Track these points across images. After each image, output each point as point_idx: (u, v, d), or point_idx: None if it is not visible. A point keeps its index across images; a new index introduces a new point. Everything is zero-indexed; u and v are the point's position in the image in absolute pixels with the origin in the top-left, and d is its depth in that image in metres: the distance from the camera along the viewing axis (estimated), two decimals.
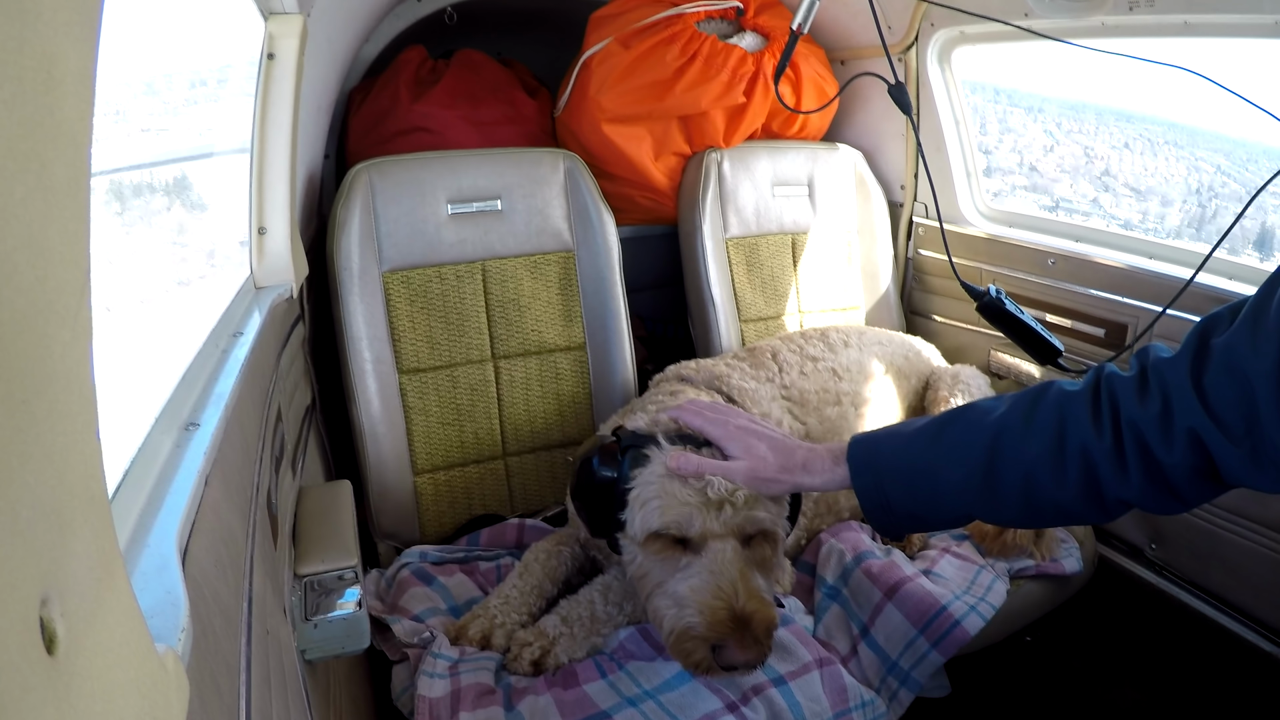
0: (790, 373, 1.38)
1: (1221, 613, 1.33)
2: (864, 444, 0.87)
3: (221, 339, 0.86)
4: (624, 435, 1.00)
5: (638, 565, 0.97)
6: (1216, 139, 2.16)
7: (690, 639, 0.89)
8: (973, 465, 0.78)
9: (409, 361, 1.36)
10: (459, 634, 1.06)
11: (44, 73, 0.25)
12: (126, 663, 0.31)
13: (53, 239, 0.26)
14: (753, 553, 0.94)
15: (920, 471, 0.82)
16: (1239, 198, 1.92)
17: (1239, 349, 0.64)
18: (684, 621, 0.89)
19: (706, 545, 0.91)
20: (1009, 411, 0.79)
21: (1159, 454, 0.70)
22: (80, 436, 0.29)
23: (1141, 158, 2.21)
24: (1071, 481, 0.74)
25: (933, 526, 0.88)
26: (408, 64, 1.65)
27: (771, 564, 0.97)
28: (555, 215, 1.47)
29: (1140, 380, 0.72)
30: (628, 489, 0.95)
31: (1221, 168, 2.13)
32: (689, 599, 0.90)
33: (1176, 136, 2.22)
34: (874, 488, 0.84)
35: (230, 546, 0.58)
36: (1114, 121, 2.28)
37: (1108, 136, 2.22)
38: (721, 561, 0.90)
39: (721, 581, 0.89)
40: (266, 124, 1.09)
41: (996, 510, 0.80)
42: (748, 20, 1.69)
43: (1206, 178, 2.14)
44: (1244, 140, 2.06)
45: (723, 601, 0.88)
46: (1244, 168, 2.09)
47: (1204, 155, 2.16)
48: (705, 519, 0.90)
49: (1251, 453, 0.64)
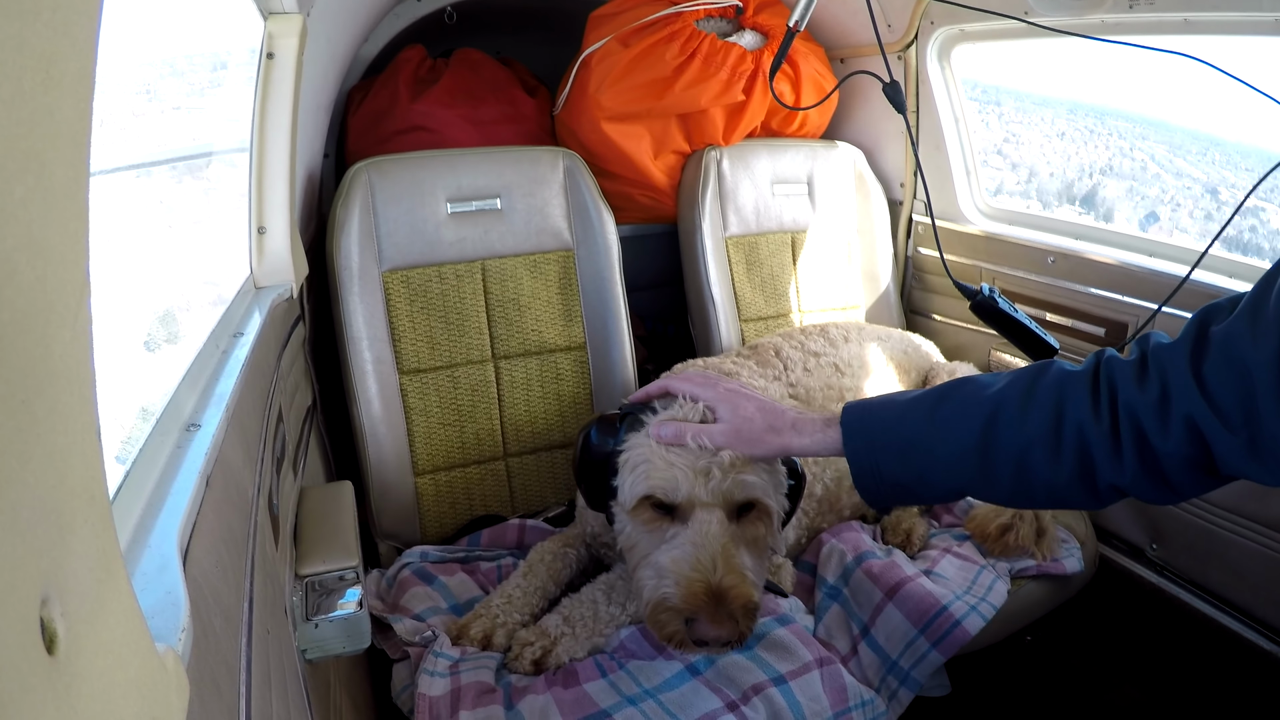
0: (795, 370, 1.37)
1: (1221, 612, 1.33)
2: (858, 410, 0.85)
3: (222, 339, 0.86)
4: (624, 407, 1.00)
5: (627, 535, 0.96)
6: (1176, 133, 2.25)
7: (665, 610, 0.88)
8: (967, 441, 0.77)
9: (409, 362, 1.36)
10: (460, 633, 1.06)
11: (44, 73, 0.25)
12: (127, 663, 0.31)
13: (53, 239, 0.26)
14: (743, 529, 0.92)
15: (914, 443, 0.80)
16: (1128, 174, 2.13)
17: (1238, 339, 0.64)
18: (660, 592, 0.89)
19: (693, 515, 0.90)
20: (1007, 388, 0.78)
21: (1155, 441, 0.69)
22: (80, 437, 0.29)
23: (1047, 139, 2.31)
24: (1066, 463, 0.73)
25: (921, 500, 0.87)
26: (407, 63, 1.65)
27: (764, 543, 0.95)
28: (555, 214, 1.47)
29: (1140, 366, 0.71)
30: (620, 452, 0.95)
31: (1154, 156, 2.23)
32: (668, 570, 0.89)
33: (1143, 131, 2.30)
34: (865, 454, 0.83)
35: (231, 547, 0.58)
36: (1033, 108, 2.38)
37: (1038, 123, 2.31)
38: (704, 533, 0.89)
39: (702, 554, 0.88)
40: (266, 123, 1.09)
41: (988, 487, 0.79)
42: (747, 18, 1.69)
43: (1104, 157, 2.27)
44: (1198, 132, 2.17)
45: (700, 574, 0.87)
46: (1179, 154, 2.21)
47: (1140, 144, 2.27)
48: (692, 485, 0.89)
49: (1249, 442, 0.64)
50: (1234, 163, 2.12)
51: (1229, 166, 2.14)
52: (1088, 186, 2.16)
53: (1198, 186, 2.14)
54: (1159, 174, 2.19)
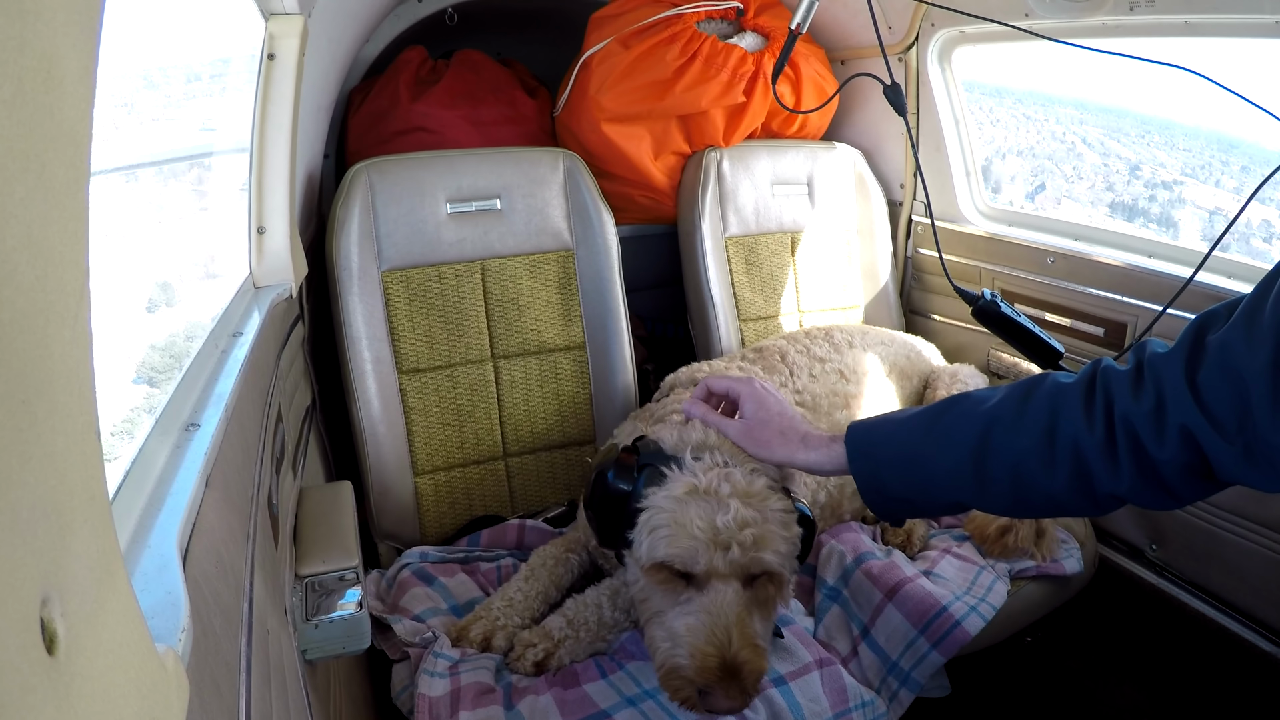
0: (801, 376, 1.37)
1: (1221, 613, 1.33)
2: (862, 429, 0.88)
3: (221, 339, 0.86)
4: (643, 448, 0.98)
5: (640, 588, 0.96)
6: (1128, 118, 2.44)
7: (679, 678, 0.88)
8: (963, 455, 0.79)
9: (409, 361, 1.36)
10: (460, 634, 1.06)
11: (44, 73, 0.25)
12: (126, 663, 0.31)
13: (53, 239, 0.26)
14: (755, 592, 0.92)
15: (913, 459, 0.82)
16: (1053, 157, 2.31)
17: (1234, 347, 0.64)
18: (674, 660, 0.89)
19: (709, 584, 0.90)
20: (1001, 402, 0.79)
21: (1151, 449, 0.70)
22: (80, 437, 0.29)
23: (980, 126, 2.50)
24: (1060, 474, 0.74)
25: (926, 512, 0.88)
26: (408, 64, 1.65)
27: (774, 604, 0.95)
28: (555, 214, 1.47)
29: (1136, 375, 0.72)
30: (639, 508, 0.93)
31: (1086, 139, 2.44)
32: (683, 638, 0.88)
33: (1084, 117, 2.48)
34: (870, 473, 0.85)
35: (231, 547, 0.58)
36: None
37: (975, 110, 2.55)
38: (720, 604, 0.88)
39: (716, 626, 0.87)
40: (266, 124, 1.09)
41: (986, 499, 0.81)
42: (748, 20, 1.69)
43: (1029, 140, 2.47)
44: (1152, 117, 2.38)
45: (715, 648, 0.86)
46: (1113, 136, 2.44)
47: (1076, 129, 2.45)
48: (710, 557, 0.88)
49: (1245, 450, 0.64)
50: (1172, 143, 2.34)
51: (1163, 147, 2.36)
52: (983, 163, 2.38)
53: (1121, 164, 2.36)
54: (1083, 154, 2.38)
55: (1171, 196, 2.27)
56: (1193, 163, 2.34)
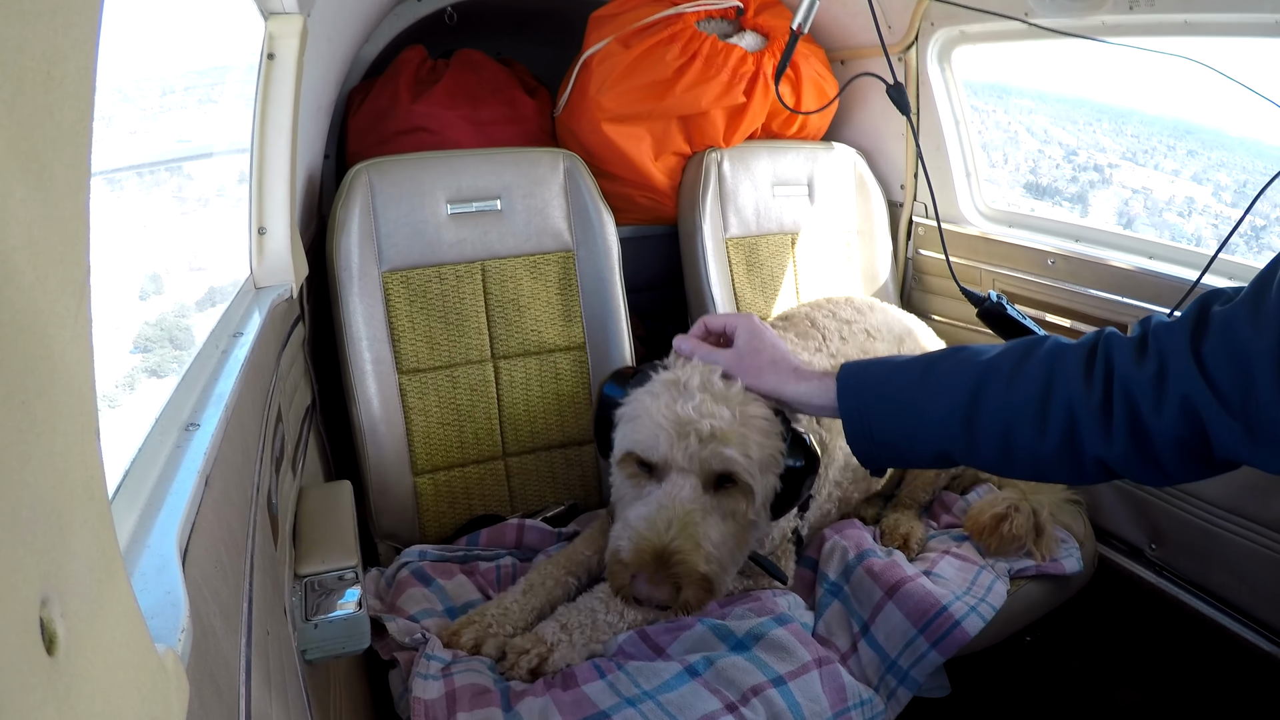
0: (833, 340, 1.36)
1: (1221, 613, 1.33)
2: (855, 369, 0.86)
3: (221, 339, 0.86)
4: (643, 366, 1.01)
5: (616, 486, 0.98)
6: (1083, 108, 2.52)
7: (616, 563, 0.91)
8: (955, 404, 0.78)
9: (409, 362, 1.36)
10: (452, 638, 1.06)
11: (44, 73, 0.25)
12: (126, 663, 0.31)
13: (53, 239, 0.26)
14: (720, 500, 0.92)
15: (904, 403, 0.81)
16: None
17: (1239, 325, 0.64)
18: (616, 544, 0.91)
19: (668, 476, 0.91)
20: (999, 356, 0.78)
21: (1148, 418, 0.69)
22: (80, 437, 0.29)
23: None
24: (1052, 435, 0.73)
25: (910, 461, 0.87)
26: (408, 64, 1.65)
27: (744, 520, 0.94)
28: (555, 215, 1.47)
29: (1140, 343, 0.71)
30: (621, 404, 0.97)
31: (1030, 127, 2.53)
32: (630, 525, 0.91)
33: (1033, 106, 2.55)
34: (858, 412, 0.84)
35: (230, 547, 0.58)
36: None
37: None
38: (672, 496, 0.90)
39: (661, 515, 0.89)
40: (266, 124, 1.09)
41: (973, 453, 0.79)
42: (748, 20, 1.69)
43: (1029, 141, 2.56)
44: (1113, 107, 2.46)
45: (653, 534, 0.88)
46: (1059, 124, 2.52)
47: (1023, 118, 2.53)
48: (670, 447, 0.90)
49: (1246, 428, 0.63)
50: (1120, 130, 2.45)
51: (1110, 134, 2.47)
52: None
53: (1058, 149, 2.46)
54: (1024, 141, 2.50)
55: (1099, 179, 2.36)
56: (1135, 148, 2.41)
